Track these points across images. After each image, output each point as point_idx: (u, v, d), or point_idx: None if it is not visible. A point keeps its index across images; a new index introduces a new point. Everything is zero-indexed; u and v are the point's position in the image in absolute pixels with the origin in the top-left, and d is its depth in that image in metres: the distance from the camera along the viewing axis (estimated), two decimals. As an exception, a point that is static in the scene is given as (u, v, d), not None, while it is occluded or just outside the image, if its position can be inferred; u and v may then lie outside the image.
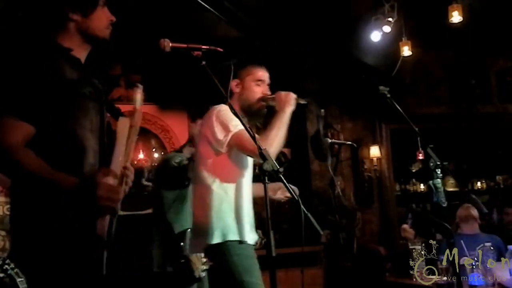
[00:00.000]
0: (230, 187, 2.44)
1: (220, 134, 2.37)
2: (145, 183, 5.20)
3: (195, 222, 2.50)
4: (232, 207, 2.41)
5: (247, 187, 2.52)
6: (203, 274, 3.23)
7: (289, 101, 2.45)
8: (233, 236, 2.36)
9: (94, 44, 1.85)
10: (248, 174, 2.56)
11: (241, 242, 2.36)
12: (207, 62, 1.90)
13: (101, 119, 1.80)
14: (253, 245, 2.44)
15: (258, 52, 4.83)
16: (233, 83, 2.57)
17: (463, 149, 6.97)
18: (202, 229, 2.40)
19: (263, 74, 2.63)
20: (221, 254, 2.33)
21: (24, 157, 1.58)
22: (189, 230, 3.21)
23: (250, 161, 2.55)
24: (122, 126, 1.77)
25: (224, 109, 2.45)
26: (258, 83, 2.60)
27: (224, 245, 2.33)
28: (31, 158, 1.58)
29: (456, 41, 5.77)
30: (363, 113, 5.80)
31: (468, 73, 6.19)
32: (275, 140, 2.34)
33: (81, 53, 1.83)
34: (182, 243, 3.20)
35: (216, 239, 2.34)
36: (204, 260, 3.25)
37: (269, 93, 2.61)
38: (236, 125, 2.35)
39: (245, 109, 2.56)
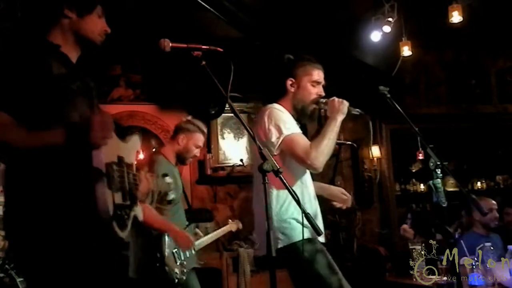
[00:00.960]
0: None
1: (273, 136, 2.34)
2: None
3: (258, 225, 2.44)
4: (295, 207, 2.32)
5: (309, 185, 2.49)
6: (184, 277, 3.16)
7: (342, 110, 2.45)
8: (299, 236, 2.29)
9: (85, 46, 1.87)
10: (308, 172, 2.51)
11: (309, 240, 2.29)
12: (207, 62, 1.90)
13: (90, 113, 1.79)
14: (323, 242, 2.40)
15: (258, 52, 4.83)
16: (288, 82, 2.54)
17: (463, 149, 6.97)
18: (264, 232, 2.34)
19: (320, 75, 2.58)
20: (291, 256, 2.29)
21: (11, 132, 1.59)
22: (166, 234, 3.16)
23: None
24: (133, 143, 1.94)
25: (276, 108, 2.44)
26: (314, 84, 2.56)
27: (292, 247, 2.29)
28: (12, 127, 1.59)
29: (456, 41, 5.77)
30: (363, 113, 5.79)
31: (468, 73, 6.18)
32: (325, 149, 2.33)
33: (72, 52, 1.84)
34: (158, 248, 3.10)
35: (282, 242, 2.28)
36: (182, 261, 3.20)
37: (323, 94, 2.57)
38: (289, 128, 2.35)
39: (299, 109, 2.53)
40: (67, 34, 1.81)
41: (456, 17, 4.47)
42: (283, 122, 2.37)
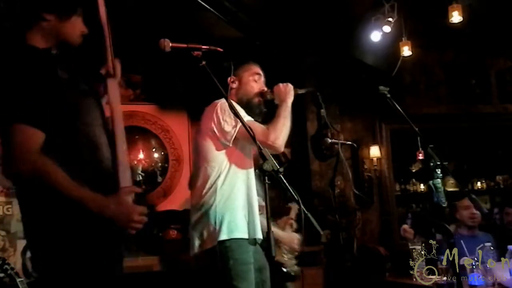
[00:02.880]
0: (237, 183, 2.39)
1: (227, 126, 2.35)
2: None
3: (197, 218, 2.40)
4: (239, 203, 2.37)
5: (253, 183, 2.49)
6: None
7: (289, 92, 2.51)
8: (239, 234, 2.32)
9: (64, 48, 1.82)
10: (252, 171, 2.52)
11: (248, 240, 2.33)
12: (207, 62, 1.90)
13: (101, 113, 1.80)
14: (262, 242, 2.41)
15: (258, 52, 4.83)
16: (229, 79, 2.60)
17: (463, 149, 6.97)
18: (206, 226, 2.33)
19: (258, 70, 2.67)
20: (220, 254, 2.28)
21: (49, 167, 1.54)
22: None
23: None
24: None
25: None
26: (255, 77, 2.63)
27: (226, 245, 2.28)
28: (56, 169, 1.54)
29: (456, 41, 5.77)
30: (363, 113, 5.80)
31: (468, 73, 6.18)
32: (283, 129, 2.38)
33: None
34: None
35: (223, 236, 2.28)
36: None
37: (265, 88, 2.64)
38: (243, 115, 2.34)
39: (244, 104, 2.55)
40: (47, 37, 1.76)
41: (456, 17, 4.47)
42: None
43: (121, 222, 1.59)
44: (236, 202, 2.37)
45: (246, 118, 2.37)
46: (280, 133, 2.36)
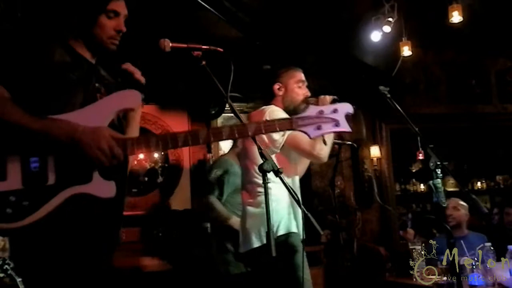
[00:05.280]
0: (283, 187, 2.48)
1: (276, 134, 2.44)
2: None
3: (254, 216, 2.53)
4: (288, 203, 2.50)
5: (297, 185, 2.65)
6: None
7: None
8: (293, 229, 2.47)
9: (96, 51, 1.88)
10: (297, 178, 2.71)
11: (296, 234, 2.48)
12: (207, 62, 1.91)
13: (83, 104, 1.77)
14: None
15: (258, 52, 4.83)
16: (276, 86, 2.72)
17: (463, 149, 6.97)
18: (263, 224, 2.40)
19: (302, 76, 2.78)
20: (288, 245, 2.42)
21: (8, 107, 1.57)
22: None
23: (299, 159, 2.68)
24: None
25: (275, 109, 2.59)
26: (300, 84, 2.74)
27: (291, 237, 2.44)
28: (11, 107, 1.56)
29: (456, 41, 5.77)
30: (363, 113, 5.80)
31: (468, 73, 6.18)
32: (328, 141, 2.57)
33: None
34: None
35: (281, 231, 2.44)
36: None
37: (309, 94, 2.76)
38: None
39: (291, 111, 2.65)
40: (78, 40, 1.82)
41: (456, 17, 4.47)
42: None
43: (88, 147, 1.55)
44: (283, 203, 2.50)
45: None
46: (326, 144, 2.52)
